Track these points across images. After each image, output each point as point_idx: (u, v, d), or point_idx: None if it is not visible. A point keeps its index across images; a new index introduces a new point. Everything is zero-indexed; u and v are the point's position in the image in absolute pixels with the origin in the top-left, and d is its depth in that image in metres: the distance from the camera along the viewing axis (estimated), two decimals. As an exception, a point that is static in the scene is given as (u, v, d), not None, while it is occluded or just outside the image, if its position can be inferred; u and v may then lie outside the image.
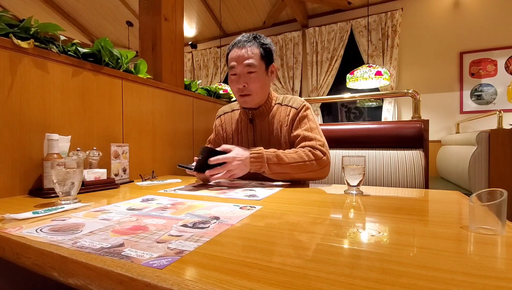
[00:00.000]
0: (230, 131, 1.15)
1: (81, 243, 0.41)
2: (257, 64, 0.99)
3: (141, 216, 0.55)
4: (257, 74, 0.99)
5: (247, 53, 0.98)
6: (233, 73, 1.01)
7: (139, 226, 0.49)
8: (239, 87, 1.00)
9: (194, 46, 4.68)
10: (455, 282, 0.29)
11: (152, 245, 0.39)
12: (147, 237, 0.43)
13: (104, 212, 0.59)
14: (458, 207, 0.65)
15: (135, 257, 0.35)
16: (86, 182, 0.87)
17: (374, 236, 0.44)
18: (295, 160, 0.91)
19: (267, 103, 1.07)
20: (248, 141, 1.09)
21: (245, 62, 0.98)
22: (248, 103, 1.03)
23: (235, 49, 1.00)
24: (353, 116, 3.90)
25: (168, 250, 0.38)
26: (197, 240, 0.41)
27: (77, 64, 1.00)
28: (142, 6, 1.52)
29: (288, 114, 1.04)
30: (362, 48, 3.49)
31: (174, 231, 0.46)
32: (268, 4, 3.81)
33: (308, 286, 0.29)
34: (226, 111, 1.20)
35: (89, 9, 4.33)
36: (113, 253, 0.37)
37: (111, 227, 0.48)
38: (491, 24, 3.00)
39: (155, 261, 0.34)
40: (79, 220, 0.53)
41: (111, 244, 0.40)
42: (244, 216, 0.55)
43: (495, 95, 3.00)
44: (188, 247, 0.39)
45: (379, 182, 1.31)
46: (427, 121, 1.36)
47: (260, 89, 1.01)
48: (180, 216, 0.55)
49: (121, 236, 0.44)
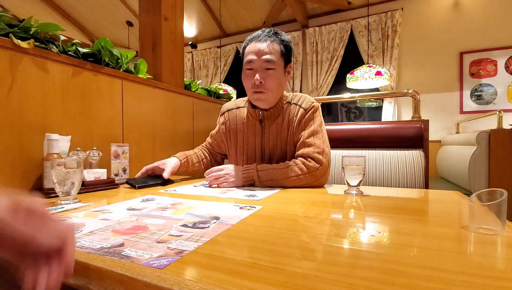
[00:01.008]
0: (234, 130, 1.09)
1: (81, 243, 0.41)
2: (277, 61, 0.93)
3: (141, 216, 0.55)
4: (275, 72, 0.93)
5: (268, 48, 0.92)
6: (249, 67, 0.95)
7: (139, 226, 0.49)
8: (255, 83, 0.93)
9: (194, 46, 4.68)
10: (455, 282, 0.29)
11: (152, 245, 0.39)
12: (147, 237, 0.43)
13: (104, 212, 0.59)
14: (458, 207, 0.65)
15: (135, 257, 0.36)
16: (86, 182, 0.87)
17: (374, 236, 0.44)
18: (288, 175, 0.90)
19: (279, 104, 1.01)
20: (255, 142, 1.04)
21: (265, 57, 0.91)
22: (261, 101, 0.97)
23: (254, 43, 0.94)
24: (353, 116, 3.90)
25: (168, 250, 0.38)
26: (197, 240, 0.41)
27: (77, 64, 1.00)
28: (142, 6, 1.52)
29: (296, 114, 0.99)
30: (362, 48, 3.49)
31: (174, 231, 0.46)
32: (268, 4, 3.81)
33: (308, 286, 0.29)
34: (230, 108, 1.13)
35: (89, 9, 4.33)
36: (113, 253, 0.37)
37: (111, 227, 0.48)
38: (491, 24, 3.00)
39: (155, 261, 0.34)
40: (79, 220, 0.53)
41: (111, 244, 0.40)
42: (244, 216, 0.55)
43: (495, 95, 3.00)
44: (188, 247, 0.39)
45: (379, 182, 1.31)
46: (427, 121, 1.36)
47: (276, 88, 0.95)
48: (180, 216, 0.55)
49: (121, 236, 0.44)
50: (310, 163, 0.91)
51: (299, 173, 0.90)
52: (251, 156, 1.06)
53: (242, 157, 1.08)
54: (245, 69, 0.97)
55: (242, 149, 1.07)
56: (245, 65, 0.96)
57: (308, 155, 0.92)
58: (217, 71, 4.53)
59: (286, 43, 0.96)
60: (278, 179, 0.90)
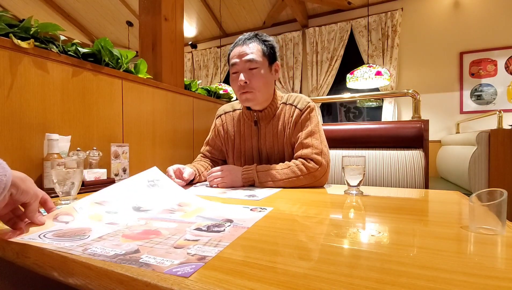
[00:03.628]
0: (232, 132, 1.09)
1: (92, 249, 0.38)
2: (259, 60, 0.95)
3: (150, 219, 0.53)
4: (259, 71, 0.95)
5: (249, 49, 0.95)
6: (234, 71, 0.97)
7: (150, 231, 0.46)
8: (240, 84, 0.95)
9: (194, 46, 4.68)
10: (455, 282, 0.29)
11: (170, 251, 0.37)
12: (161, 242, 0.41)
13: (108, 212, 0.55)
14: (458, 207, 0.65)
15: (155, 264, 0.33)
16: (86, 182, 0.87)
17: (374, 236, 0.44)
18: (288, 176, 0.90)
19: (273, 105, 1.01)
20: (252, 144, 1.05)
21: (246, 58, 0.94)
22: (250, 101, 0.97)
23: (236, 48, 0.97)
24: (353, 116, 3.90)
25: (188, 256, 0.36)
26: (216, 245, 0.40)
27: (77, 64, 1.00)
28: (142, 6, 1.52)
29: (292, 114, 0.99)
30: (362, 48, 3.49)
31: (189, 235, 0.44)
32: (268, 4, 3.81)
33: (308, 286, 0.29)
34: (227, 111, 1.13)
35: (89, 9, 4.32)
36: (129, 261, 0.34)
37: (120, 232, 0.46)
38: (491, 24, 3.00)
39: (178, 269, 0.32)
40: (84, 223, 0.50)
41: (125, 251, 0.38)
42: (258, 219, 0.54)
43: (495, 95, 3.00)
44: (209, 253, 0.37)
45: (379, 182, 1.31)
46: (427, 121, 1.36)
47: (263, 87, 0.96)
48: (190, 219, 0.53)
49: (134, 241, 0.41)
50: (310, 164, 0.91)
51: (299, 173, 0.90)
52: (248, 158, 1.06)
53: (240, 159, 1.08)
54: (231, 74, 0.99)
55: (239, 151, 1.08)
56: (231, 70, 0.99)
57: (307, 156, 0.93)
58: (217, 71, 4.53)
59: (268, 42, 0.98)
60: (277, 180, 0.90)
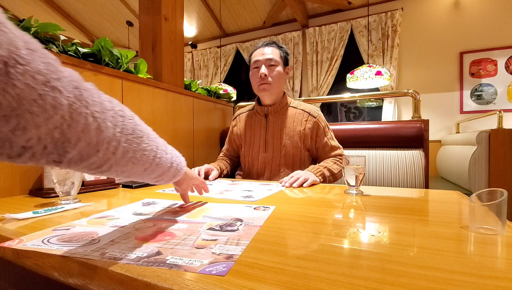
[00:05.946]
0: (243, 127, 1.28)
1: (110, 253, 0.37)
2: (277, 60, 1.15)
3: (156, 221, 0.52)
4: (276, 68, 1.15)
5: (269, 50, 1.16)
6: (255, 66, 1.17)
7: (163, 232, 0.46)
8: (261, 76, 1.13)
9: (194, 46, 4.67)
10: (455, 282, 0.29)
11: (194, 251, 0.37)
12: (180, 243, 0.41)
13: (109, 218, 0.54)
14: (458, 207, 0.65)
15: (185, 265, 0.33)
16: (86, 182, 0.87)
17: (374, 236, 0.44)
18: (338, 170, 1.12)
19: (282, 101, 1.20)
20: (260, 134, 1.21)
21: (268, 57, 1.15)
22: (266, 91, 1.15)
23: (258, 49, 1.18)
24: (353, 116, 3.89)
25: (215, 255, 0.36)
26: (237, 243, 0.40)
27: (77, 64, 1.00)
28: (142, 6, 1.52)
29: (306, 119, 1.17)
30: (362, 48, 3.49)
31: (204, 235, 0.44)
32: (268, 4, 3.81)
33: (308, 286, 0.29)
34: (241, 112, 1.34)
35: (89, 9, 4.32)
36: (156, 262, 0.34)
37: (131, 235, 0.45)
38: (491, 24, 3.00)
39: (211, 268, 0.32)
40: (86, 228, 0.48)
41: (147, 253, 0.37)
42: (266, 217, 0.55)
43: (495, 95, 3.00)
44: (235, 251, 0.37)
45: (379, 182, 1.31)
46: (427, 121, 1.36)
47: (279, 81, 1.16)
48: (198, 219, 0.54)
49: (151, 243, 0.41)
50: (342, 159, 1.14)
51: (340, 168, 1.12)
52: (255, 146, 1.22)
53: (249, 148, 1.24)
54: (252, 68, 1.19)
55: (249, 141, 1.25)
56: (252, 65, 1.19)
57: (339, 155, 1.17)
58: (217, 71, 4.53)
59: (283, 49, 1.21)
60: (335, 173, 1.10)
